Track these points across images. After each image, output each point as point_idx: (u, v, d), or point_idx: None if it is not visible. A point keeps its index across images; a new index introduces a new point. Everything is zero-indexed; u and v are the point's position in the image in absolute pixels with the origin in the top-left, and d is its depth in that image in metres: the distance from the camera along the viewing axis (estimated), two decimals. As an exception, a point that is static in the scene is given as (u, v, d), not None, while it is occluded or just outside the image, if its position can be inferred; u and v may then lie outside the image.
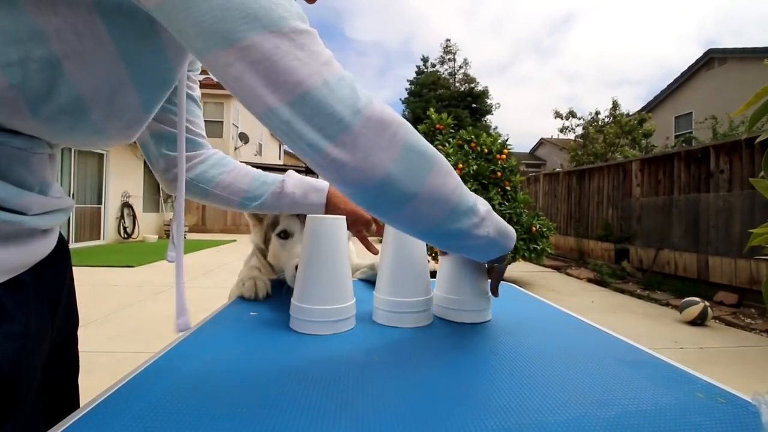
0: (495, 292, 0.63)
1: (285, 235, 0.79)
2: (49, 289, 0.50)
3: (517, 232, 4.62)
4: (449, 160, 4.64)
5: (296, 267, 0.71)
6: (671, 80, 13.11)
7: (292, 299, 0.58)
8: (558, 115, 11.80)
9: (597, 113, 11.39)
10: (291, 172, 0.76)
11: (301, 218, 0.77)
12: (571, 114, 11.66)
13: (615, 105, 10.93)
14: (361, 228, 0.79)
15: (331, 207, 0.74)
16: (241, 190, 0.70)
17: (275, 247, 0.80)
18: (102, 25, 0.36)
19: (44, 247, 0.47)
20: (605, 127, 10.45)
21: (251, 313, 0.62)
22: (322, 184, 0.74)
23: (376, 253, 0.78)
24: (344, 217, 0.60)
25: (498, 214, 0.56)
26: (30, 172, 0.41)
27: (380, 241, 0.65)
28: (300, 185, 0.73)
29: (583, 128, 11.28)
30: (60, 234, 0.53)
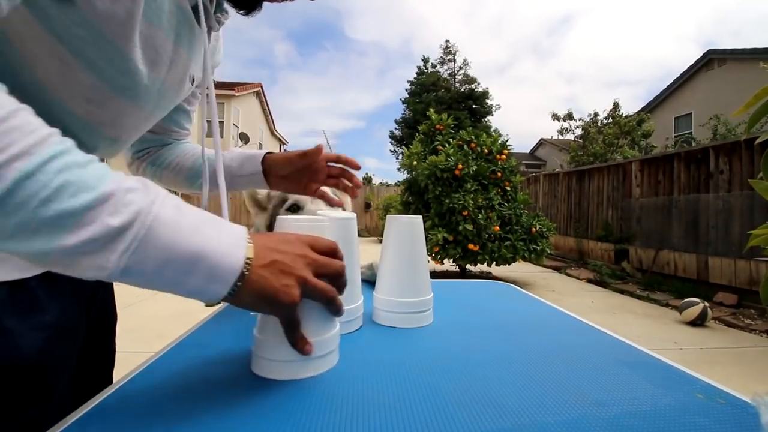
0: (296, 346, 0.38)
1: (296, 208, 0.75)
2: (85, 286, 0.52)
3: (517, 232, 4.67)
4: (449, 161, 4.66)
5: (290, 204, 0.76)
6: (670, 81, 13.13)
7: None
8: (556, 117, 11.80)
9: (596, 114, 11.39)
10: (233, 148, 0.73)
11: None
12: (569, 116, 11.67)
13: (616, 106, 10.93)
14: (313, 185, 0.68)
15: (272, 176, 0.67)
16: (185, 168, 0.69)
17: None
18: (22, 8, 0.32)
19: None
20: (604, 128, 10.46)
21: (251, 313, 0.62)
22: (257, 152, 0.69)
23: (339, 204, 0.73)
24: (354, 215, 0.57)
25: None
26: None
27: (380, 242, 0.65)
28: (237, 157, 0.69)
29: (583, 129, 11.28)
30: None
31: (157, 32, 0.42)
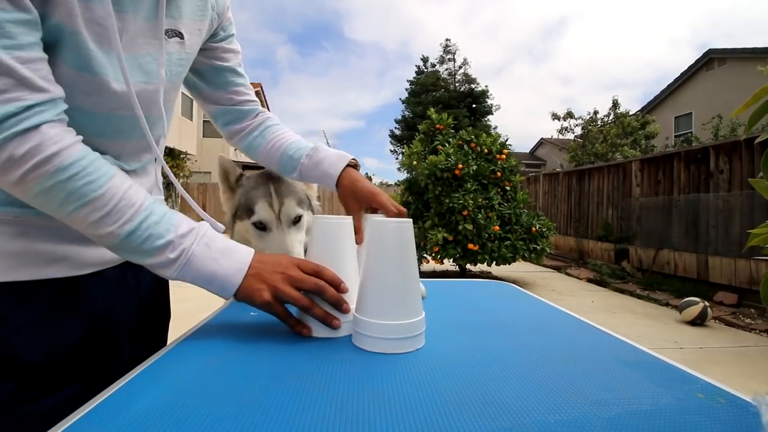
0: (294, 329, 0.52)
1: (262, 226, 0.71)
2: (140, 284, 0.62)
3: (516, 232, 4.67)
4: (449, 160, 4.66)
5: None
6: (666, 82, 13.15)
7: (354, 312, 0.51)
8: (555, 116, 11.80)
9: (596, 113, 11.39)
10: (320, 147, 0.76)
11: (276, 209, 0.71)
12: (569, 115, 11.66)
13: (615, 104, 10.92)
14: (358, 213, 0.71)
15: (342, 186, 0.72)
16: (274, 161, 0.77)
17: (249, 235, 0.73)
18: None
19: None
20: (605, 127, 10.46)
21: (251, 314, 0.62)
22: (333, 169, 0.72)
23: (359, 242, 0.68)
24: (409, 221, 0.51)
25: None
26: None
27: None
28: (330, 155, 0.74)
29: (583, 128, 11.28)
30: None
31: (95, 6, 0.44)
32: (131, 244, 0.45)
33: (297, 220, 0.73)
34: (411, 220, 0.51)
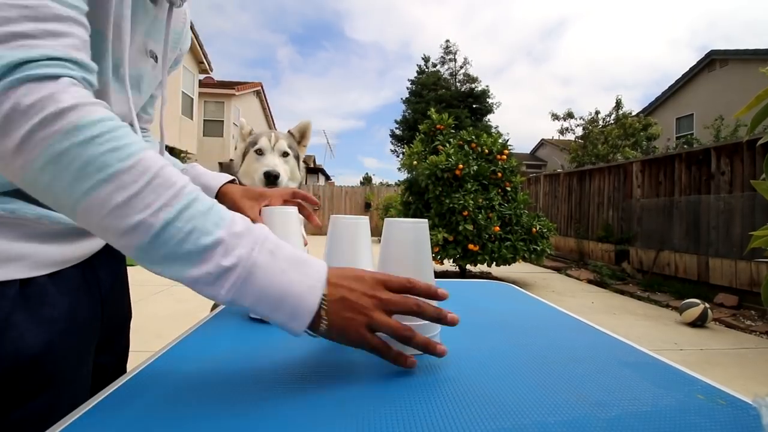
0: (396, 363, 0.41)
1: (260, 152, 1.05)
2: (101, 283, 0.55)
3: (517, 232, 4.67)
4: (450, 161, 4.66)
5: (264, 173, 0.99)
6: (666, 83, 13.17)
7: None
8: (555, 116, 11.78)
9: (597, 113, 11.37)
10: (195, 164, 0.73)
11: (272, 143, 1.06)
12: (569, 115, 11.64)
13: (618, 104, 10.90)
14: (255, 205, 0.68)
15: (225, 202, 0.67)
16: None
17: (251, 159, 1.06)
18: None
19: (92, 245, 0.53)
20: (606, 128, 10.45)
21: (251, 315, 0.62)
22: (214, 182, 0.70)
23: (316, 203, 0.77)
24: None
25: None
26: None
27: (379, 242, 0.52)
28: (209, 172, 0.71)
29: (584, 128, 11.26)
30: None
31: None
32: (168, 241, 0.33)
33: (285, 154, 1.07)
34: (426, 220, 0.51)
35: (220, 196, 0.68)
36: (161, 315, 3.20)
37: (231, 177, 0.72)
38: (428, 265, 0.49)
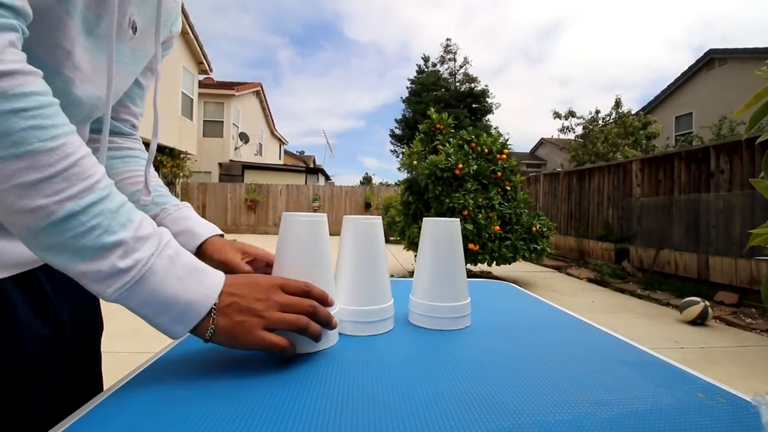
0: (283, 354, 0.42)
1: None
2: (68, 290, 0.49)
3: (517, 231, 4.66)
4: (449, 160, 4.66)
5: None
6: (664, 83, 13.20)
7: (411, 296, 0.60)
8: (557, 115, 11.78)
9: (597, 112, 11.37)
10: (185, 206, 0.66)
11: None
12: (571, 114, 11.64)
13: (618, 103, 10.89)
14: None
15: (205, 256, 0.62)
16: (124, 193, 0.65)
17: None
18: None
19: None
20: (607, 127, 10.45)
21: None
22: (200, 233, 0.62)
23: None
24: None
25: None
26: None
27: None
28: (179, 224, 0.62)
29: (584, 128, 11.26)
30: None
31: None
32: (65, 232, 0.31)
33: None
34: (458, 219, 0.60)
35: (206, 245, 0.62)
36: (161, 316, 3.20)
37: (220, 231, 0.66)
38: (325, 264, 0.49)
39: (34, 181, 0.30)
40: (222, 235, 0.66)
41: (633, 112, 11.13)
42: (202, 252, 0.61)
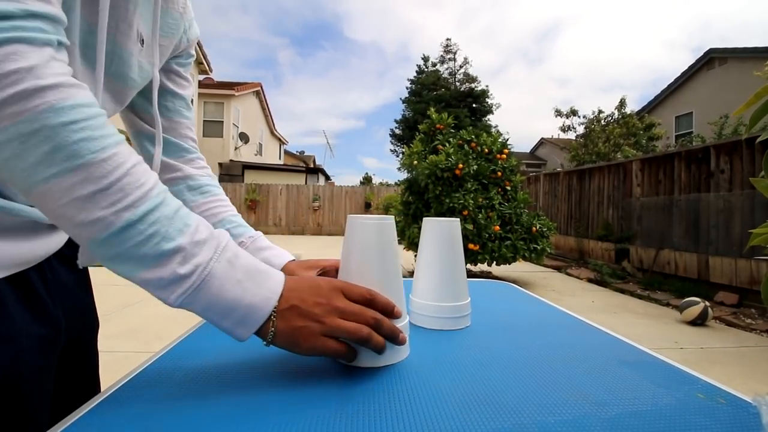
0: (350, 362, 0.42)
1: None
2: (61, 289, 0.48)
3: (517, 231, 4.66)
4: (450, 160, 4.65)
5: None
6: (663, 84, 13.21)
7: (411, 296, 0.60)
8: (559, 113, 11.79)
9: (600, 112, 11.37)
10: (259, 236, 0.66)
11: None
12: (573, 112, 11.64)
13: (622, 103, 10.89)
14: None
15: (292, 267, 0.62)
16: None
17: None
18: None
19: (51, 243, 0.46)
20: (608, 127, 10.45)
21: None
22: (276, 261, 0.62)
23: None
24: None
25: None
26: None
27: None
28: (255, 256, 0.60)
29: (586, 127, 11.26)
30: None
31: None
32: (125, 242, 0.32)
33: None
34: (458, 219, 0.60)
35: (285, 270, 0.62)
36: (162, 316, 3.20)
37: (292, 257, 0.65)
38: (393, 270, 0.46)
39: (90, 194, 0.30)
40: (294, 259, 0.65)
41: (632, 112, 11.14)
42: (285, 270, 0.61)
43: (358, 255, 0.45)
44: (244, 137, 14.56)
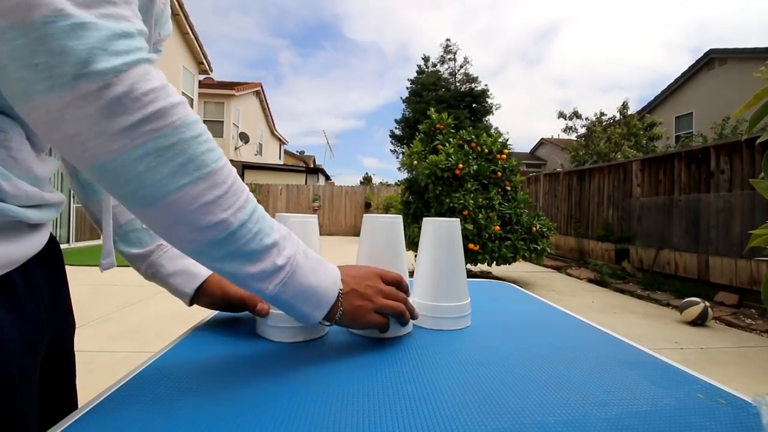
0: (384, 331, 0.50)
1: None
2: (42, 291, 0.47)
3: (517, 232, 4.67)
4: (450, 160, 4.66)
5: None
6: (662, 84, 13.24)
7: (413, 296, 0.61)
8: (562, 115, 11.82)
9: (602, 114, 11.39)
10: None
11: None
12: (576, 114, 11.67)
13: (625, 106, 10.91)
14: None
15: (214, 291, 0.58)
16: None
17: None
18: None
19: (33, 244, 0.44)
20: (610, 128, 10.46)
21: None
22: (201, 269, 0.58)
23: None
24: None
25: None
26: (12, 158, 0.38)
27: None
28: (176, 263, 0.58)
29: (587, 128, 11.28)
30: (51, 234, 0.49)
31: None
32: (239, 240, 0.35)
33: None
34: (458, 219, 0.61)
35: (209, 281, 0.59)
36: (161, 316, 3.20)
37: None
38: (402, 259, 0.58)
39: (214, 198, 0.34)
40: None
41: (632, 113, 11.15)
42: (205, 289, 0.58)
43: (383, 246, 0.56)
44: (244, 137, 14.56)
